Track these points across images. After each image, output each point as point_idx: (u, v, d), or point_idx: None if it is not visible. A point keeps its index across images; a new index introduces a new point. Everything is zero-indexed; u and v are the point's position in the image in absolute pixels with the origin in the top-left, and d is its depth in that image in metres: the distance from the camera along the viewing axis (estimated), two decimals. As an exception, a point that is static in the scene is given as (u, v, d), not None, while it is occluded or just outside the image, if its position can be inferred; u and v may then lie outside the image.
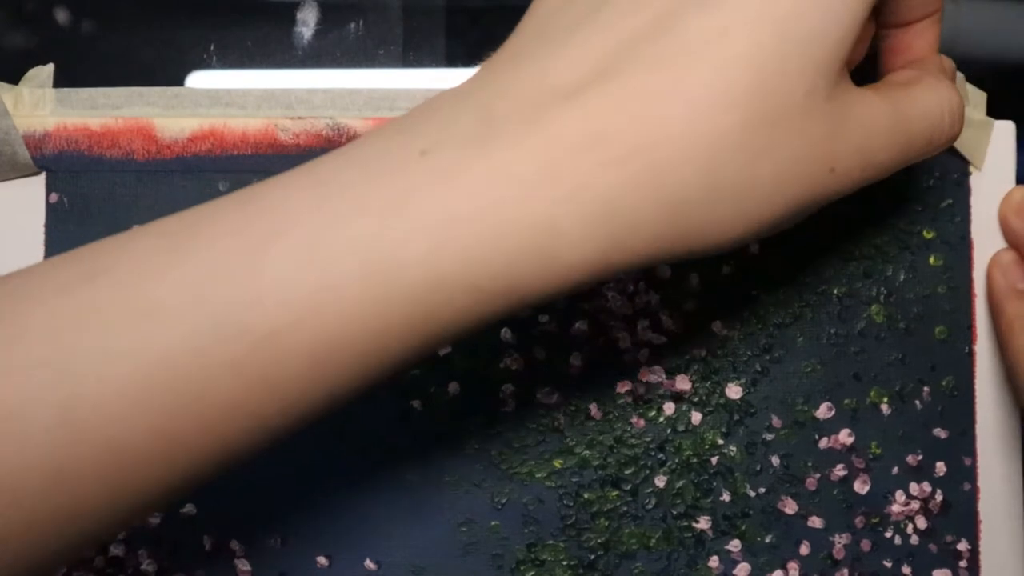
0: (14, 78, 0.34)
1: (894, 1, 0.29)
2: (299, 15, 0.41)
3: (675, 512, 0.35)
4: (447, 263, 0.22)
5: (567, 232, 0.23)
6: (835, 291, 0.35)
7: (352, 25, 0.41)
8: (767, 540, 0.35)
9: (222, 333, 0.22)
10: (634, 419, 0.35)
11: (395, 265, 0.22)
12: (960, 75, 0.35)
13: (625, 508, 0.35)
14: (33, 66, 0.35)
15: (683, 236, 0.24)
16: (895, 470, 0.35)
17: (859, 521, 0.35)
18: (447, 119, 0.24)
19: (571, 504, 0.35)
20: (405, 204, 0.22)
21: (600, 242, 0.23)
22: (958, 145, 0.35)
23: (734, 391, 0.35)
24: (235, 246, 0.22)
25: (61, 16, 0.41)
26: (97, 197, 0.35)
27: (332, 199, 0.23)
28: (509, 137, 0.23)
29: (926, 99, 0.28)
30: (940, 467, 0.35)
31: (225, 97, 0.35)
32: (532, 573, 0.35)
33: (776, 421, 0.35)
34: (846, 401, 0.35)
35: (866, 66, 0.31)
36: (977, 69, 0.37)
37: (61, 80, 0.35)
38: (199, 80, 0.41)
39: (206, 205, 0.24)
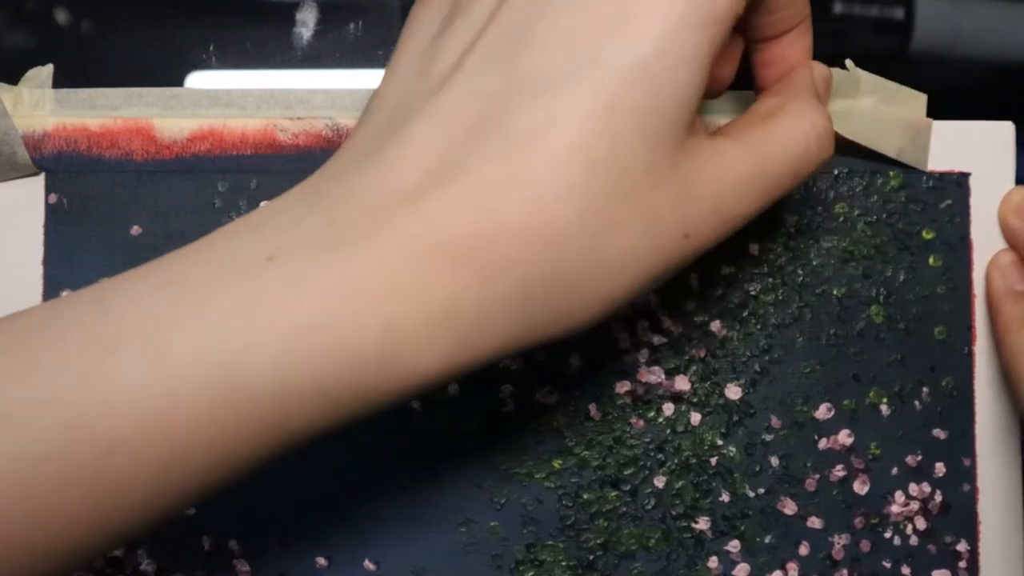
0: (13, 78, 0.34)
1: (760, 16, 0.29)
2: (298, 15, 0.40)
3: (674, 512, 0.35)
4: (293, 371, 0.22)
5: (412, 338, 0.23)
6: (834, 292, 0.35)
7: (351, 25, 0.41)
8: (766, 541, 0.35)
9: (72, 438, 0.22)
10: (633, 419, 0.35)
11: (241, 374, 0.22)
12: (893, 84, 0.34)
13: (624, 508, 0.35)
14: (32, 66, 0.34)
15: (533, 327, 0.24)
16: (894, 471, 0.35)
17: (858, 522, 0.35)
18: (294, 221, 0.24)
19: (570, 504, 0.35)
20: (251, 312, 0.23)
21: (446, 345, 0.23)
22: (899, 155, 0.35)
23: (733, 391, 0.35)
24: (84, 348, 0.22)
25: (60, 16, 0.41)
26: (96, 197, 0.35)
27: (180, 303, 0.23)
28: (353, 243, 0.23)
29: (789, 130, 0.27)
30: (939, 468, 0.35)
31: (224, 97, 0.35)
32: (531, 573, 0.35)
33: (775, 422, 0.35)
34: (845, 402, 0.35)
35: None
36: (977, 69, 0.37)
37: (60, 80, 0.35)
38: (198, 80, 0.41)
39: (60, 301, 0.24)
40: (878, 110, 0.34)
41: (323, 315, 0.23)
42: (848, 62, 0.34)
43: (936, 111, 0.35)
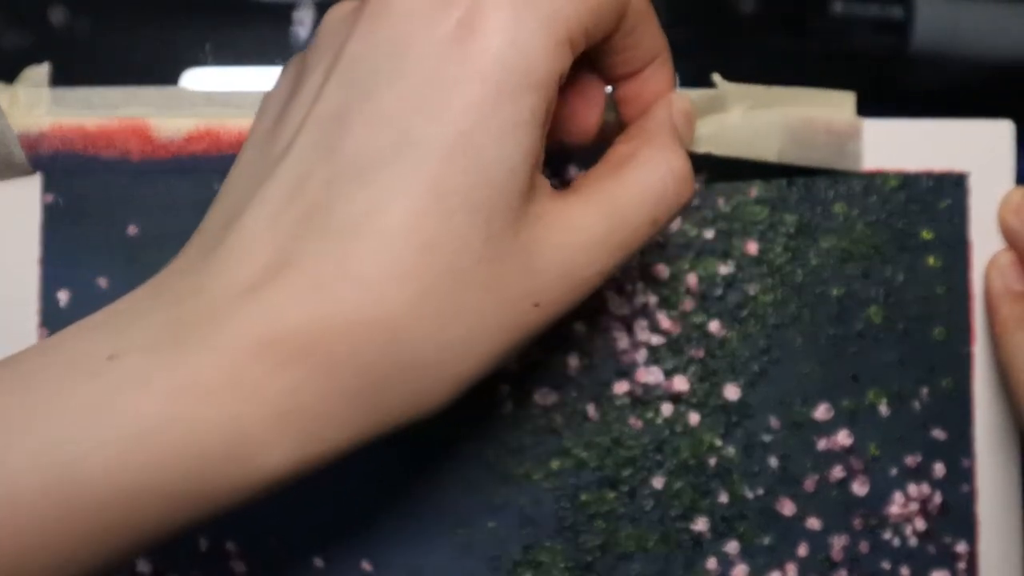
0: (9, 77, 0.34)
1: (609, 56, 0.28)
2: (295, 14, 0.40)
3: (673, 514, 0.35)
4: (137, 473, 0.22)
5: (256, 436, 0.23)
6: (833, 292, 0.35)
7: (349, 24, 0.40)
8: (765, 541, 0.35)
9: None
10: (632, 420, 0.35)
11: (83, 476, 0.22)
12: (784, 89, 0.34)
13: (623, 510, 0.35)
14: (28, 65, 0.34)
15: (384, 415, 0.24)
16: (893, 471, 0.35)
17: (857, 522, 0.35)
18: (139, 318, 0.24)
19: (568, 505, 0.35)
20: (92, 413, 0.22)
21: (292, 441, 0.23)
22: (780, 157, 0.34)
23: (732, 392, 0.35)
24: None
25: (57, 16, 0.41)
26: (93, 197, 0.35)
27: (25, 405, 0.22)
28: (194, 341, 0.23)
29: (643, 178, 0.27)
30: (939, 468, 0.35)
31: (221, 97, 0.35)
32: (529, 574, 0.34)
33: (774, 422, 0.35)
34: (844, 402, 0.35)
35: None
36: (976, 68, 0.37)
37: (57, 80, 0.34)
38: (195, 80, 0.41)
39: None
40: (749, 118, 0.33)
41: (165, 415, 0.22)
42: (715, 77, 0.33)
43: (935, 110, 0.35)
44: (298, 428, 0.23)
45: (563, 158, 0.35)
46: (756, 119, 0.33)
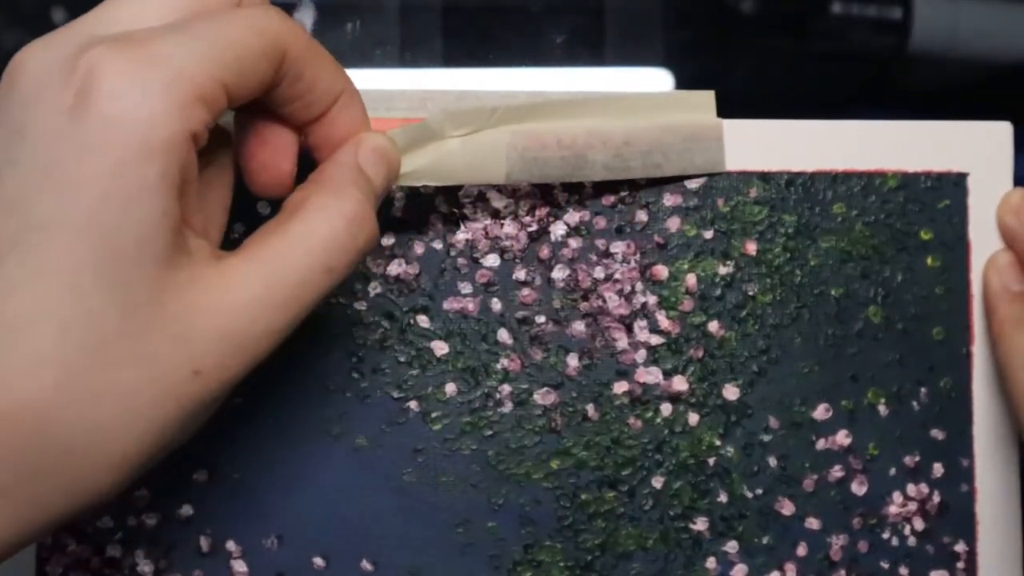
0: (10, 78, 0.34)
1: (282, 106, 0.27)
2: (296, 15, 0.40)
3: (672, 513, 0.35)
4: None
5: None
6: (832, 292, 0.35)
7: (349, 25, 0.41)
8: (764, 541, 0.35)
9: None
10: (631, 420, 0.35)
11: None
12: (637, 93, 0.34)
13: (622, 509, 0.35)
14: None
15: (46, 506, 0.23)
16: (893, 471, 0.35)
17: (856, 522, 0.35)
18: None
19: (568, 505, 0.35)
20: None
21: None
22: (508, 179, 0.33)
23: (731, 392, 0.35)
24: None
25: (58, 16, 0.41)
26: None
27: None
28: None
29: (312, 226, 0.26)
30: (938, 468, 0.35)
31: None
32: (529, 574, 0.34)
33: (773, 422, 0.35)
34: (843, 402, 0.35)
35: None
36: (975, 69, 0.37)
37: (57, 80, 0.34)
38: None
39: None
40: (472, 143, 0.32)
41: None
42: (430, 107, 0.32)
43: (934, 111, 0.35)
44: None
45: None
46: (479, 143, 0.32)
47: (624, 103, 0.34)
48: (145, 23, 0.25)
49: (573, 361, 0.35)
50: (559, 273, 0.35)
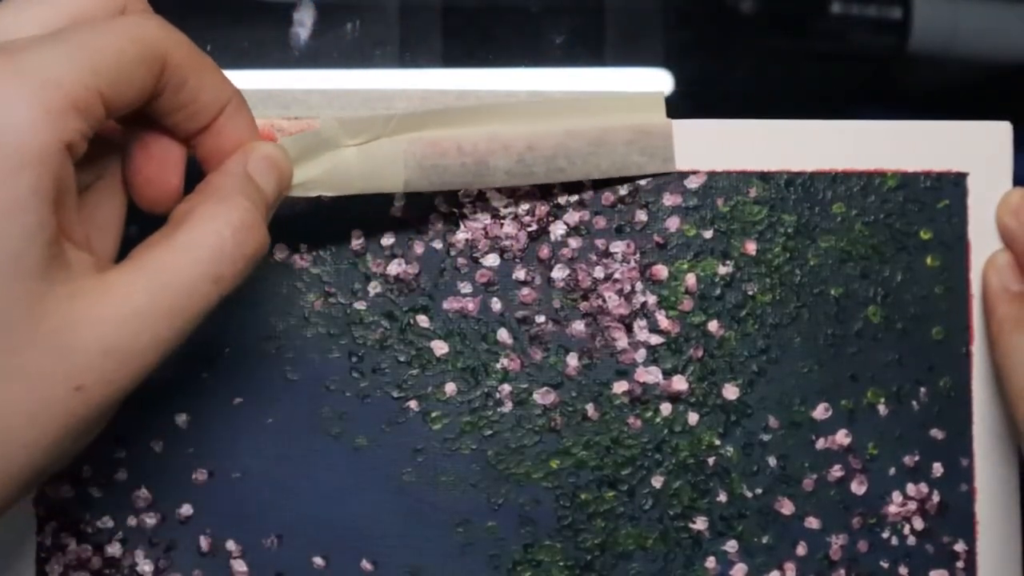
0: (10, 78, 0.34)
1: (175, 114, 0.27)
2: (296, 15, 0.40)
3: (672, 513, 0.35)
4: None
5: None
6: (832, 292, 0.35)
7: (348, 25, 0.41)
8: (764, 541, 0.35)
9: None
10: (631, 420, 0.35)
11: None
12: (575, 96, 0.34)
13: (622, 509, 0.35)
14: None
15: None
16: (892, 471, 0.35)
17: (856, 522, 0.35)
18: None
19: (568, 505, 0.35)
20: None
21: None
22: (406, 187, 0.32)
23: (731, 392, 0.35)
24: None
25: (58, 16, 0.41)
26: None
27: None
28: None
29: (196, 237, 0.25)
30: (937, 468, 0.35)
31: (221, 97, 0.35)
32: (529, 574, 0.35)
33: (773, 422, 0.35)
34: (843, 402, 0.35)
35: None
36: (975, 69, 0.37)
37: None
38: (196, 80, 0.41)
39: None
40: (369, 151, 0.32)
41: None
42: (321, 116, 0.32)
43: (933, 110, 0.35)
44: None
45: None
46: (376, 152, 0.32)
47: (569, 104, 0.34)
48: (22, 33, 0.24)
49: (573, 361, 0.35)
50: (559, 273, 0.35)
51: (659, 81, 0.46)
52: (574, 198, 0.35)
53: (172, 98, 0.26)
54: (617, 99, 0.34)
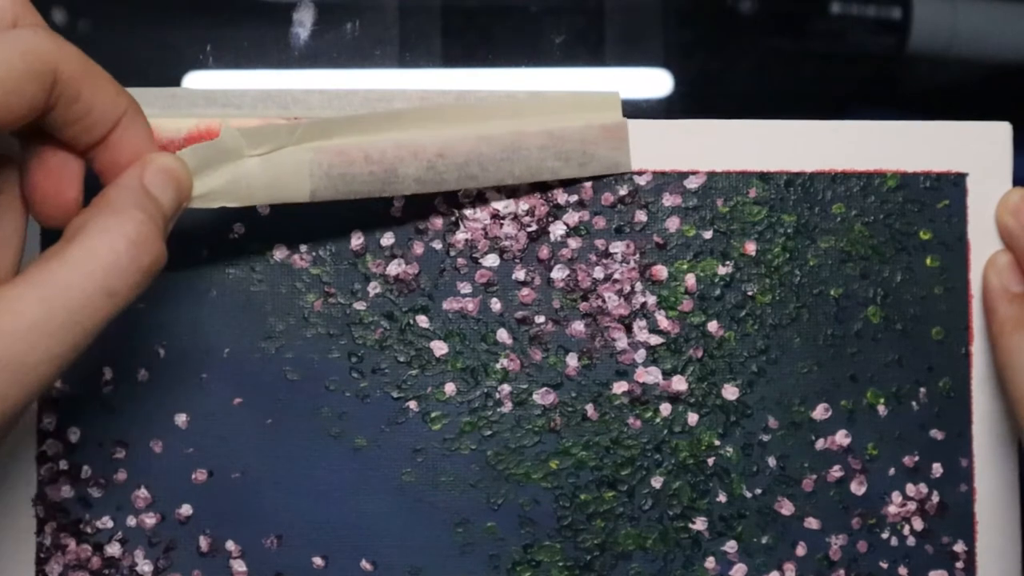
0: (10, 78, 0.34)
1: (69, 128, 0.26)
2: (295, 15, 0.40)
3: (671, 513, 0.35)
4: None
5: None
6: (832, 292, 0.35)
7: (348, 25, 0.41)
8: (763, 541, 0.35)
9: None
10: (631, 420, 0.35)
11: None
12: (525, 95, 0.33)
13: (621, 509, 0.35)
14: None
15: None
16: (892, 471, 0.35)
17: (856, 522, 0.35)
18: None
19: (567, 505, 0.35)
20: None
21: None
22: (313, 196, 0.32)
23: (731, 392, 0.35)
24: None
25: (58, 16, 0.41)
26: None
27: None
28: None
29: (89, 251, 0.25)
30: (937, 468, 0.35)
31: (221, 97, 0.35)
32: (528, 574, 0.35)
33: (773, 422, 0.35)
34: (843, 402, 0.35)
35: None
36: (974, 69, 0.37)
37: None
38: (196, 80, 0.41)
39: None
40: (273, 161, 0.31)
41: None
42: (223, 122, 0.32)
43: (933, 111, 0.35)
44: None
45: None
46: (280, 162, 0.32)
47: (521, 105, 0.34)
48: None
49: (572, 361, 0.35)
50: (558, 273, 0.35)
51: (659, 81, 0.46)
52: (574, 198, 0.35)
53: (66, 111, 0.26)
54: (574, 98, 0.34)
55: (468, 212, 0.35)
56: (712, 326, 0.35)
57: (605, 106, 0.34)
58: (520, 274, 0.35)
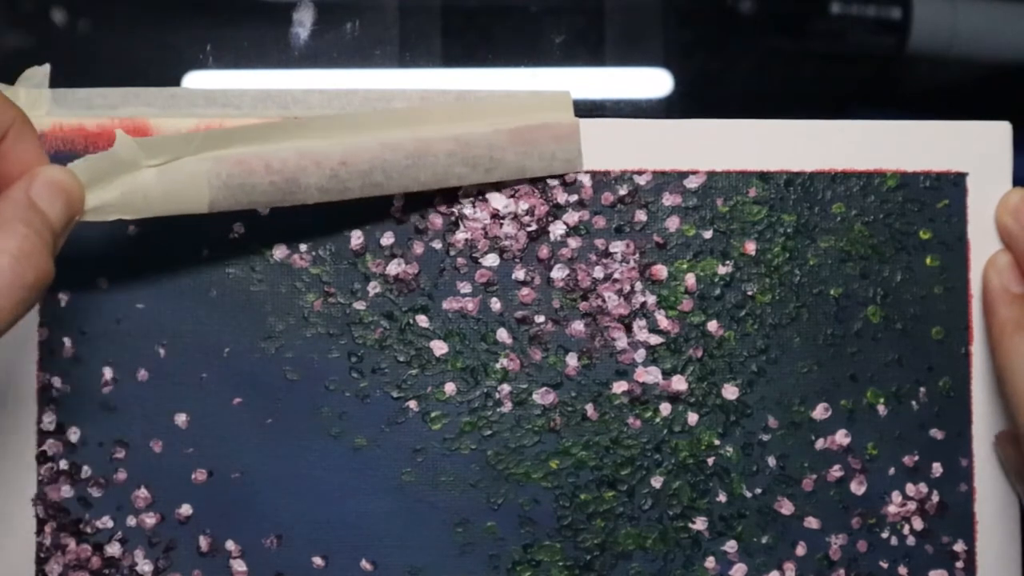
0: (10, 78, 0.34)
1: None
2: (295, 15, 0.41)
3: (671, 513, 0.35)
4: None
5: None
6: (832, 292, 0.35)
7: (348, 25, 0.41)
8: (763, 541, 0.35)
9: None
10: (631, 420, 0.35)
11: None
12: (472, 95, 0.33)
13: (621, 509, 0.35)
14: (29, 66, 0.34)
15: None
16: (892, 471, 0.35)
17: (855, 522, 0.35)
18: None
19: (567, 505, 0.35)
20: None
21: None
22: (211, 207, 0.32)
23: (730, 392, 0.35)
24: None
25: (58, 16, 0.41)
26: None
27: None
28: None
29: None
30: (936, 468, 0.35)
31: (221, 97, 0.35)
32: (528, 574, 0.35)
33: (772, 422, 0.35)
34: (843, 402, 0.35)
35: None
36: (974, 69, 0.37)
37: (57, 80, 0.34)
38: (195, 80, 0.41)
39: None
40: (169, 172, 0.31)
41: None
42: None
43: (932, 111, 0.35)
44: None
45: (562, 158, 0.35)
46: (178, 172, 0.31)
47: (471, 105, 0.34)
48: None
49: (572, 361, 0.35)
50: (558, 273, 0.35)
51: (659, 81, 0.46)
52: (574, 198, 0.35)
53: None
54: (525, 98, 0.34)
55: (468, 212, 0.35)
56: (712, 326, 0.35)
57: (556, 106, 0.34)
58: (520, 274, 0.35)
